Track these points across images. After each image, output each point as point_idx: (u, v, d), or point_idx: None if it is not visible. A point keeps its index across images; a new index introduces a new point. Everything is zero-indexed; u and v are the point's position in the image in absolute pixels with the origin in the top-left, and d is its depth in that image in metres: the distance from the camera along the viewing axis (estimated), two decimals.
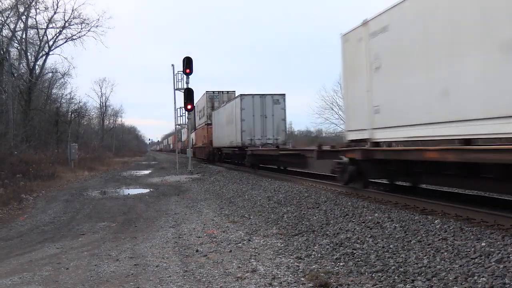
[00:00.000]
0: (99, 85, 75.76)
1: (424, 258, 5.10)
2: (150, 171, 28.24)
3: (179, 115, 26.08)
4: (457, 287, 4.19)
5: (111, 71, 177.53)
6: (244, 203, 11.03)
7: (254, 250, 6.25)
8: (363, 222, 7.26)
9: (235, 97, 22.08)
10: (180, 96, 25.79)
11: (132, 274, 5.33)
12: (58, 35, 32.73)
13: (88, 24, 32.73)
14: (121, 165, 37.42)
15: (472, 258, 4.83)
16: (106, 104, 66.90)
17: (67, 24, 32.27)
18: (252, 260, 5.70)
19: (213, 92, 31.06)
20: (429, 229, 6.31)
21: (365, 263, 5.24)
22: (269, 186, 13.70)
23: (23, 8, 28.66)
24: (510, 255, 4.69)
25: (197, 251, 6.33)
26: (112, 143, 67.70)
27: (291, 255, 5.90)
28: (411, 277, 4.59)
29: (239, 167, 22.45)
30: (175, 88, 24.91)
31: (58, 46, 33.54)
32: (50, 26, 32.10)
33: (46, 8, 31.93)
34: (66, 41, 33.13)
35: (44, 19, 38.49)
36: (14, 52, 30.76)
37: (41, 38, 32.32)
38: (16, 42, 29.83)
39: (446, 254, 5.12)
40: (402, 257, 5.26)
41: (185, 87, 24.10)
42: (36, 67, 33.00)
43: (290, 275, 4.97)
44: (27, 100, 30.72)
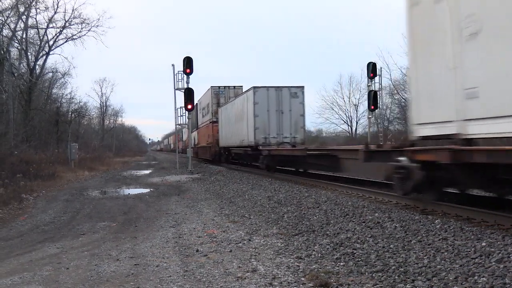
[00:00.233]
0: (99, 85, 75.59)
1: (425, 258, 5.10)
2: (150, 171, 28.25)
3: (179, 115, 26.11)
4: (457, 287, 4.19)
5: (112, 71, 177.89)
6: (244, 203, 11.03)
7: (254, 250, 6.25)
8: (364, 222, 7.26)
9: (247, 89, 19.34)
10: (180, 96, 25.75)
11: (132, 274, 5.33)
12: (58, 35, 32.81)
13: (88, 24, 32.80)
14: (121, 165, 37.41)
15: (472, 258, 4.83)
16: (106, 104, 67.05)
17: (67, 24, 32.37)
18: (252, 260, 5.70)
19: (218, 87, 28.74)
20: (429, 229, 6.31)
21: (365, 263, 5.24)
22: (269, 186, 13.71)
23: (24, 8, 28.72)
24: (511, 255, 4.70)
25: (197, 251, 6.33)
26: (112, 143, 67.74)
27: (292, 255, 5.90)
28: (411, 277, 4.59)
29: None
30: (175, 88, 24.93)
31: (59, 46, 33.62)
32: (51, 26, 32.19)
33: (47, 8, 31.91)
34: (66, 41, 33.22)
35: (44, 19, 38.45)
36: (14, 52, 30.85)
37: (41, 38, 32.41)
38: (16, 42, 29.89)
39: (446, 254, 5.13)
40: (403, 257, 5.26)
41: (185, 87, 24.12)
42: (37, 67, 33.06)
43: (291, 275, 4.97)
44: (27, 100, 30.73)
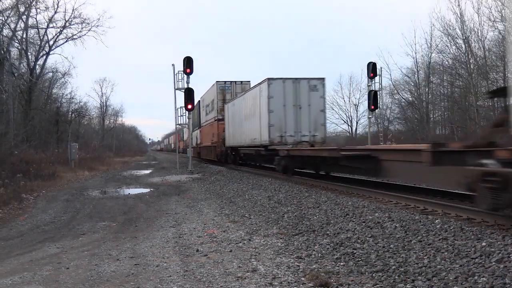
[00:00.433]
0: (100, 84, 75.58)
1: (425, 258, 5.10)
2: (151, 170, 28.24)
3: (179, 114, 26.11)
4: (457, 287, 4.19)
5: (112, 71, 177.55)
6: (244, 203, 11.03)
7: (254, 249, 6.25)
8: (364, 222, 7.26)
9: (259, 82, 17.38)
10: (180, 95, 25.66)
11: (132, 274, 5.33)
12: (58, 34, 32.75)
13: (88, 24, 32.69)
14: (121, 165, 37.41)
15: (472, 258, 4.83)
16: (106, 103, 67.00)
17: (67, 24, 32.29)
18: (252, 259, 5.70)
19: (224, 82, 26.50)
20: (429, 229, 6.31)
21: (365, 263, 5.24)
22: (269, 186, 13.70)
23: (24, 8, 28.69)
24: (511, 255, 4.69)
25: (197, 250, 6.33)
26: (113, 143, 67.75)
27: (292, 254, 5.90)
28: (411, 277, 4.59)
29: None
30: (176, 88, 24.92)
31: (59, 46, 33.55)
32: (51, 25, 32.13)
33: (47, 8, 31.83)
34: (66, 40, 33.15)
35: (44, 18, 38.28)
36: (14, 51, 30.82)
37: (41, 37, 32.37)
38: (16, 41, 29.87)
39: (446, 254, 5.13)
40: (403, 257, 5.26)
41: (185, 86, 24.12)
42: (37, 66, 33.03)
43: (291, 275, 4.97)
44: (27, 99, 30.73)
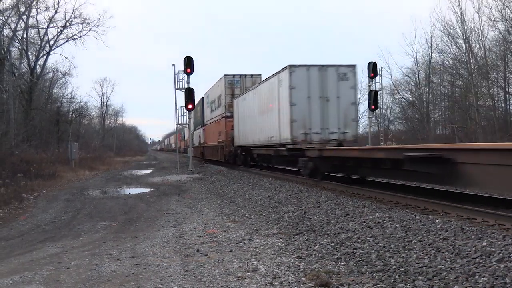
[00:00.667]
0: (100, 84, 75.46)
1: (425, 257, 5.10)
2: (151, 170, 28.25)
3: (180, 114, 26.12)
4: (458, 287, 4.19)
5: (112, 71, 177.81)
6: (245, 203, 11.03)
7: (255, 249, 6.25)
8: (364, 222, 7.26)
9: (279, 70, 15.06)
10: (181, 95, 25.59)
11: (133, 274, 5.33)
12: (59, 34, 32.76)
13: (89, 23, 32.68)
14: (122, 164, 37.41)
15: (473, 258, 4.83)
16: (107, 103, 67.01)
17: (68, 24, 32.29)
18: (253, 259, 5.70)
19: (233, 76, 24.30)
20: (430, 228, 6.31)
21: (366, 263, 5.24)
22: (269, 185, 13.70)
23: (24, 8, 28.70)
24: (511, 254, 4.69)
25: (198, 250, 6.33)
26: (113, 142, 67.78)
27: (292, 254, 5.90)
28: (412, 276, 4.59)
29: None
30: (176, 87, 24.92)
31: (59, 46, 33.57)
32: (51, 25, 32.14)
33: (47, 8, 31.89)
34: (67, 40, 33.16)
35: (45, 18, 38.37)
36: (15, 51, 30.85)
37: (42, 37, 32.38)
38: (17, 41, 29.90)
39: (447, 253, 5.12)
40: (403, 256, 5.26)
41: (185, 86, 24.12)
42: (37, 66, 33.05)
43: (291, 275, 4.97)
44: (28, 99, 30.75)
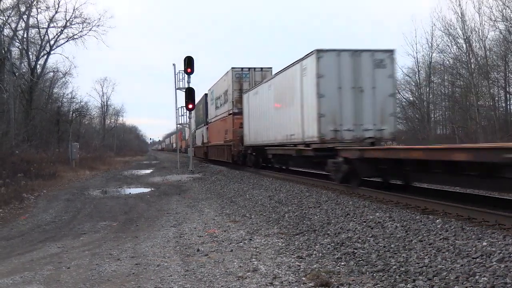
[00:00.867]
0: (100, 84, 75.66)
1: (425, 257, 5.10)
2: (151, 170, 28.25)
3: (180, 114, 26.18)
4: (458, 287, 4.19)
5: (113, 71, 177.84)
6: (245, 203, 11.03)
7: (255, 249, 6.25)
8: (364, 222, 7.26)
9: (303, 56, 12.97)
10: (181, 95, 25.66)
11: (133, 274, 5.33)
12: (59, 34, 32.74)
13: (89, 23, 32.64)
14: (122, 164, 37.42)
15: (473, 258, 4.83)
16: (107, 103, 67.05)
17: (68, 24, 32.27)
18: (253, 259, 5.70)
19: (241, 69, 22.46)
20: (430, 228, 6.31)
21: (366, 263, 5.24)
22: (270, 185, 13.70)
23: (25, 8, 28.71)
24: (511, 254, 4.70)
25: (198, 250, 6.33)
26: (113, 142, 67.80)
27: (292, 254, 5.90)
28: (412, 276, 4.59)
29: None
30: (177, 87, 24.94)
31: (60, 46, 33.53)
32: (52, 25, 32.12)
33: (48, 8, 31.87)
34: (67, 40, 33.14)
35: (45, 18, 38.44)
36: (15, 51, 30.86)
37: (42, 37, 32.37)
38: (17, 41, 29.90)
39: (447, 253, 5.12)
40: (403, 256, 5.26)
41: (186, 86, 24.13)
42: (38, 66, 33.04)
43: (291, 275, 4.97)
44: (28, 99, 30.75)
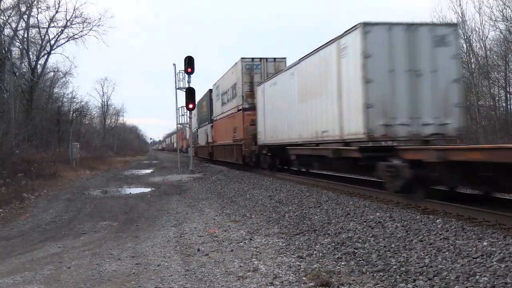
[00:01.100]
0: (101, 84, 75.77)
1: (426, 257, 5.10)
2: (152, 170, 28.25)
3: (181, 114, 26.21)
4: (458, 287, 4.19)
5: (113, 70, 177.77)
6: (245, 202, 11.03)
7: (255, 249, 6.25)
8: (365, 222, 7.26)
9: (340, 34, 10.33)
10: (182, 95, 25.67)
11: (133, 273, 5.33)
12: (59, 34, 32.70)
13: (89, 23, 32.56)
14: (122, 164, 37.43)
15: (473, 258, 4.83)
16: (107, 103, 67.03)
17: (68, 24, 32.21)
18: (253, 259, 5.70)
19: (251, 59, 20.18)
20: (430, 228, 6.31)
21: (366, 263, 5.24)
22: (270, 185, 13.70)
23: (25, 7, 28.67)
24: None
25: (198, 250, 6.33)
26: (114, 142, 67.78)
27: (293, 254, 5.90)
28: (412, 276, 4.59)
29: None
30: (177, 87, 24.94)
31: (60, 45, 33.47)
32: (52, 25, 32.07)
33: (48, 7, 31.94)
34: (67, 40, 33.09)
35: (45, 18, 38.42)
36: (15, 51, 30.82)
37: (42, 37, 32.34)
38: (17, 41, 29.86)
39: (447, 253, 5.12)
40: (404, 256, 5.26)
41: (186, 86, 24.13)
42: (38, 66, 33.00)
43: (292, 274, 4.97)
44: (28, 99, 30.73)
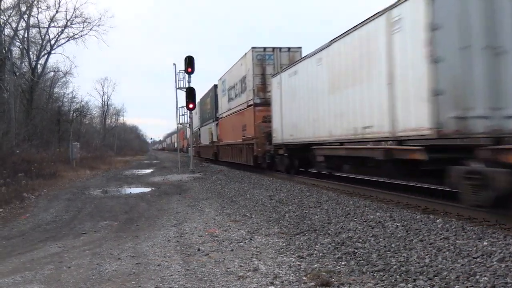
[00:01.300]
0: (101, 84, 75.98)
1: (426, 257, 5.10)
2: (152, 170, 28.25)
3: (181, 114, 26.25)
4: (459, 287, 4.19)
5: (113, 70, 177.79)
6: (245, 202, 11.03)
7: (255, 249, 6.25)
8: (365, 221, 7.26)
9: (395, 2, 8.32)
10: (182, 95, 25.70)
11: (133, 273, 5.33)
12: (60, 34, 32.73)
13: (90, 23, 32.64)
14: (122, 164, 37.45)
15: (474, 258, 4.83)
16: (108, 103, 67.12)
17: (69, 23, 32.25)
18: (253, 259, 5.70)
19: (263, 49, 18.44)
20: (430, 228, 6.31)
21: (366, 262, 5.24)
22: (270, 185, 13.70)
23: (25, 7, 28.69)
24: None
25: (198, 250, 6.33)
26: (114, 142, 67.81)
27: (293, 254, 5.90)
28: (412, 276, 4.59)
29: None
30: (177, 87, 24.96)
31: (60, 45, 33.52)
32: (52, 25, 32.10)
33: (48, 7, 32.13)
34: (68, 40, 33.13)
35: (46, 18, 38.54)
36: (16, 51, 30.84)
37: (43, 37, 32.36)
38: (18, 41, 29.88)
39: (448, 253, 5.12)
40: (404, 256, 5.26)
41: (186, 86, 24.13)
42: (38, 66, 33.04)
43: (292, 274, 4.97)
44: (29, 99, 30.76)
